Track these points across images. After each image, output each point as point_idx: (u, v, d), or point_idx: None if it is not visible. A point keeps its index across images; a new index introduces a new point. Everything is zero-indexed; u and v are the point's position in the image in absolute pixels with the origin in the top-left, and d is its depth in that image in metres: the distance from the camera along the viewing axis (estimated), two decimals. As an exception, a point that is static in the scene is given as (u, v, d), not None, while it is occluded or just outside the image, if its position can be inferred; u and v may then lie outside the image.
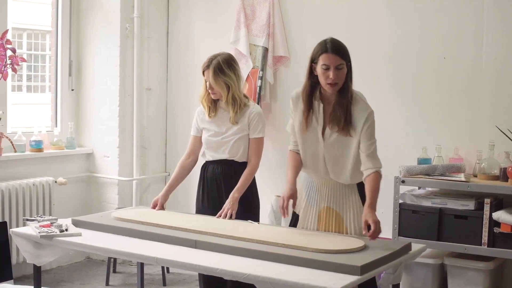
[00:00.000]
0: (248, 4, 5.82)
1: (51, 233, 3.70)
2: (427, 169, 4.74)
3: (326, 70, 3.50)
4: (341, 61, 3.51)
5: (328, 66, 3.49)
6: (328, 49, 3.51)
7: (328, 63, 3.49)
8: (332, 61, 3.49)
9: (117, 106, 6.13)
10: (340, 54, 3.51)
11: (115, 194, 6.19)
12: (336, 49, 3.52)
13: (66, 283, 5.58)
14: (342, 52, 3.54)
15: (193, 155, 4.44)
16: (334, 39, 3.60)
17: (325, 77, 3.51)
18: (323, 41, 3.58)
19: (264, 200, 4.61)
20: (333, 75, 3.48)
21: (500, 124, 4.74)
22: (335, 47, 3.53)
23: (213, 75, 4.14)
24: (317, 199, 3.77)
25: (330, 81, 3.49)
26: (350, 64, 3.58)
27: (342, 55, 3.52)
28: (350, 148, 3.59)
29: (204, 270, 3.22)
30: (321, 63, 3.51)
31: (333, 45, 3.53)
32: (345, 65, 3.53)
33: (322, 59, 3.51)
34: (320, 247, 3.25)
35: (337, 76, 3.49)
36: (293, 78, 5.71)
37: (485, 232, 4.48)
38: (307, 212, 3.80)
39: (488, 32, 4.88)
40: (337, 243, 3.36)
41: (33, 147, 5.71)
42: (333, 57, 3.49)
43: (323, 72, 3.51)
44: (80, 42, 6.26)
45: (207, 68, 4.18)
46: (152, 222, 3.86)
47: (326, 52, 3.51)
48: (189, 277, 5.74)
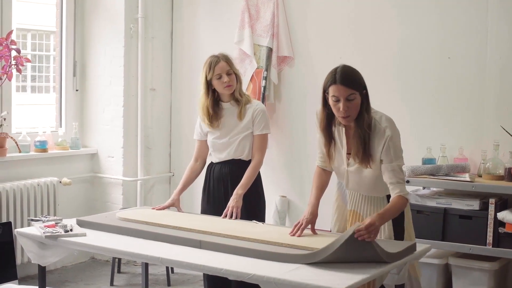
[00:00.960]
0: (252, 4, 5.82)
1: (55, 233, 3.70)
2: (432, 169, 4.73)
3: (337, 102, 3.34)
4: (352, 91, 3.33)
5: (338, 98, 3.33)
6: (337, 80, 3.32)
7: (338, 94, 3.32)
8: (341, 93, 3.31)
9: (121, 107, 6.13)
10: (349, 84, 3.32)
11: (120, 194, 6.20)
12: (345, 80, 3.32)
13: (71, 283, 5.59)
14: (352, 82, 3.35)
15: (200, 158, 4.46)
16: (346, 67, 3.40)
17: (336, 110, 3.36)
18: (333, 70, 3.38)
19: (268, 200, 4.61)
20: (343, 107, 3.32)
21: (504, 124, 4.73)
22: (345, 77, 3.33)
23: (230, 63, 4.23)
24: (347, 200, 3.70)
25: (341, 114, 3.35)
26: (365, 92, 3.40)
27: (352, 85, 3.34)
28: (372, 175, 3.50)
29: (209, 270, 3.21)
30: (331, 94, 3.35)
31: (342, 75, 3.33)
32: (358, 95, 3.35)
33: (332, 90, 3.34)
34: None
35: (348, 108, 3.33)
36: (297, 78, 5.71)
37: (490, 232, 4.48)
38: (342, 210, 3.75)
39: (492, 31, 4.87)
40: (341, 243, 3.35)
41: (37, 148, 5.72)
42: (342, 89, 3.31)
43: (334, 104, 3.36)
44: (84, 42, 6.27)
45: (218, 61, 4.20)
46: (157, 222, 3.86)
47: (335, 83, 3.33)
48: (193, 277, 5.74)
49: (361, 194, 3.64)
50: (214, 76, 4.20)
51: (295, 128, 5.72)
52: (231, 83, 4.21)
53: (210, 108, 4.25)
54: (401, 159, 3.47)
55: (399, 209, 3.42)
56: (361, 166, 3.49)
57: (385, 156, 3.41)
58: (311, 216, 3.57)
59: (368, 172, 3.50)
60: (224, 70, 4.20)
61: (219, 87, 4.23)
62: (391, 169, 3.41)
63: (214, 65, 4.19)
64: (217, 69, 4.19)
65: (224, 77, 4.19)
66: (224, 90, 4.23)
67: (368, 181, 3.52)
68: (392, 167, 3.41)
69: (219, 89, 4.24)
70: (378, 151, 3.42)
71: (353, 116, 3.39)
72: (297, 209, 5.70)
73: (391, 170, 3.41)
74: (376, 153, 3.43)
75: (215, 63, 4.20)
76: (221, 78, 4.20)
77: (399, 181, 3.41)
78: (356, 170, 3.54)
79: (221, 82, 4.20)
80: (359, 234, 3.10)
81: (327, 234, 3.66)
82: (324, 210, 3.79)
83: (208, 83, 4.24)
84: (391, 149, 3.41)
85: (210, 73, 4.21)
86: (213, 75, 4.20)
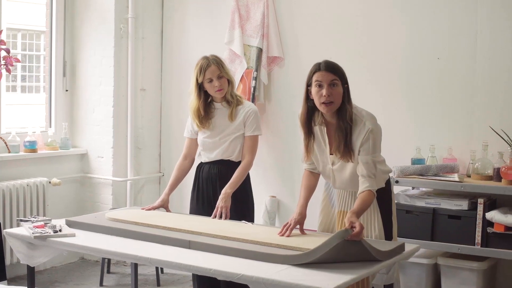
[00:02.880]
0: (242, 4, 5.82)
1: (45, 234, 3.70)
2: (421, 169, 4.75)
3: (320, 88, 3.42)
4: (335, 77, 3.43)
5: (321, 82, 3.42)
6: (321, 67, 3.45)
7: (321, 79, 3.42)
8: (324, 78, 3.41)
9: (111, 107, 6.13)
10: (333, 71, 3.44)
11: (109, 195, 6.19)
12: (329, 67, 3.45)
13: (60, 283, 5.57)
14: (336, 69, 3.46)
15: (189, 157, 4.45)
16: (329, 60, 3.53)
17: (319, 96, 3.43)
18: (317, 63, 3.51)
19: (258, 200, 4.62)
20: (326, 92, 3.40)
21: (493, 124, 4.75)
22: (328, 65, 3.46)
23: (220, 67, 4.20)
24: (335, 200, 3.74)
25: (324, 99, 3.41)
26: (347, 86, 3.49)
27: (336, 72, 3.45)
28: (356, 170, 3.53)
29: (198, 270, 3.21)
30: (315, 79, 3.44)
31: (326, 63, 3.47)
32: (340, 84, 3.44)
33: (315, 77, 3.44)
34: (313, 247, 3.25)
35: (331, 94, 3.41)
36: (287, 79, 5.72)
37: (479, 232, 4.49)
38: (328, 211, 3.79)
39: (482, 32, 4.89)
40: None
41: (27, 148, 5.70)
42: (326, 74, 3.42)
43: (317, 91, 3.43)
44: (74, 42, 6.26)
45: (209, 65, 4.19)
46: (146, 222, 3.86)
47: (319, 70, 3.45)
48: (183, 278, 5.74)
49: (350, 193, 3.66)
50: (205, 80, 4.20)
51: (285, 128, 5.72)
52: (222, 87, 4.20)
53: (201, 109, 4.25)
54: (378, 154, 3.54)
55: (369, 205, 3.47)
56: (343, 161, 3.53)
57: (363, 148, 3.46)
58: (299, 216, 3.60)
59: (352, 168, 3.54)
60: (214, 74, 4.19)
61: (210, 91, 4.23)
62: (365, 161, 3.46)
63: (205, 69, 4.18)
64: (208, 73, 4.18)
65: (214, 81, 4.19)
66: (215, 94, 4.23)
67: (354, 177, 3.54)
68: (366, 160, 3.47)
69: (210, 92, 4.24)
70: (358, 144, 3.47)
71: (336, 104, 3.45)
72: (287, 209, 5.71)
73: (365, 162, 3.46)
74: (356, 146, 3.47)
75: (206, 67, 4.19)
76: (212, 82, 4.19)
77: (370, 175, 3.46)
78: (340, 168, 3.58)
79: (212, 85, 4.20)
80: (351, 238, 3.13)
81: (315, 234, 3.68)
82: (313, 210, 3.81)
83: (199, 85, 4.24)
84: (370, 141, 3.46)
85: (201, 77, 4.20)
86: (204, 78, 4.20)
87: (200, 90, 4.25)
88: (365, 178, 3.45)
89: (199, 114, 4.26)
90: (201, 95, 4.25)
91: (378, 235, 3.59)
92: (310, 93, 3.50)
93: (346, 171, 3.58)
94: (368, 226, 3.60)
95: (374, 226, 3.61)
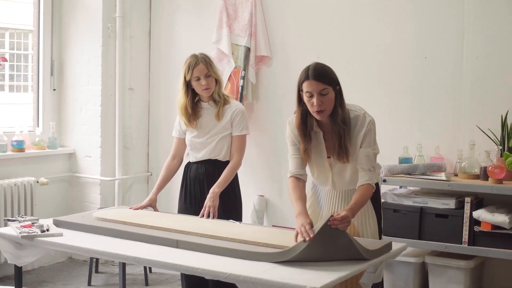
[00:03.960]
0: (230, 4, 5.82)
1: (32, 234, 3.69)
2: (408, 168, 4.76)
3: (311, 97, 3.39)
4: (325, 86, 3.38)
5: (311, 93, 3.39)
6: (309, 76, 3.39)
7: (311, 90, 3.38)
8: (314, 88, 3.37)
9: (99, 106, 6.11)
10: (322, 79, 3.38)
11: (97, 194, 6.18)
12: (317, 75, 3.38)
13: (48, 283, 5.56)
14: (325, 77, 3.41)
15: (178, 156, 4.45)
16: (318, 64, 3.46)
17: (311, 105, 3.41)
18: (306, 68, 3.44)
19: (246, 199, 4.62)
20: (316, 102, 3.37)
21: (480, 123, 4.78)
22: (317, 73, 3.39)
23: (208, 66, 4.20)
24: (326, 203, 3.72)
25: (316, 108, 3.39)
26: (339, 88, 3.46)
27: (325, 80, 3.40)
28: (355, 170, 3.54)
29: (185, 269, 3.21)
30: (305, 90, 3.41)
31: (315, 71, 3.40)
32: (331, 90, 3.40)
33: (305, 87, 3.40)
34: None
35: (321, 103, 3.38)
36: (275, 78, 5.73)
37: (466, 231, 4.51)
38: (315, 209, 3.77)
39: (468, 32, 4.91)
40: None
41: (14, 147, 5.68)
42: (315, 84, 3.37)
43: (308, 100, 3.41)
44: (62, 41, 6.24)
45: (197, 64, 4.18)
46: (134, 222, 3.86)
47: (308, 79, 3.39)
48: (171, 277, 5.73)
49: (340, 194, 3.66)
50: (192, 78, 4.20)
51: (273, 127, 5.72)
52: (209, 86, 4.20)
53: (189, 107, 4.25)
54: (377, 147, 3.54)
55: (367, 199, 3.49)
56: (339, 163, 3.53)
57: (365, 140, 3.48)
58: (308, 220, 3.32)
59: (351, 168, 3.55)
60: (202, 73, 4.18)
61: (197, 89, 4.23)
62: (366, 155, 3.48)
63: (193, 68, 4.18)
64: (196, 71, 4.18)
65: (202, 80, 4.18)
66: (202, 93, 4.22)
67: (354, 176, 3.55)
68: (367, 153, 3.48)
69: (197, 91, 4.23)
70: (359, 138, 3.47)
71: (328, 110, 3.44)
72: (275, 208, 5.71)
73: (366, 155, 3.48)
74: (358, 142, 3.48)
75: (194, 65, 4.18)
76: (199, 81, 4.19)
77: (370, 168, 3.48)
78: (339, 171, 3.58)
79: (199, 84, 4.20)
80: (333, 222, 3.13)
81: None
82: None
83: (187, 83, 4.24)
84: (372, 133, 3.49)
85: (188, 74, 4.20)
86: (191, 76, 4.19)
87: (187, 88, 4.24)
88: (365, 172, 3.47)
89: (187, 112, 4.25)
90: (188, 93, 4.25)
91: (373, 232, 3.61)
92: (302, 97, 3.46)
93: (346, 173, 3.57)
94: (363, 223, 3.62)
95: (369, 223, 3.63)
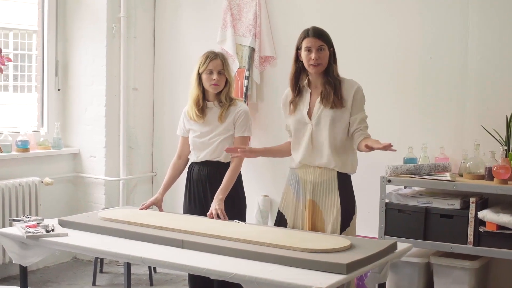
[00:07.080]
0: (234, 4, 5.83)
1: (37, 234, 3.69)
2: (413, 168, 4.76)
3: (309, 52, 3.79)
4: (322, 43, 3.79)
5: (310, 48, 3.78)
6: (309, 33, 3.82)
7: (310, 45, 3.79)
8: (313, 43, 3.78)
9: (103, 106, 6.12)
10: (320, 37, 3.80)
11: (102, 194, 6.18)
12: (316, 33, 3.81)
13: (53, 283, 5.57)
14: (322, 36, 3.82)
15: (183, 156, 4.45)
16: (316, 26, 3.88)
17: (308, 59, 3.79)
18: (305, 29, 3.87)
19: (251, 199, 4.62)
20: (315, 56, 3.76)
21: (485, 123, 4.77)
22: (316, 31, 3.83)
23: (224, 64, 4.25)
24: (303, 191, 3.84)
25: (313, 62, 3.77)
26: (333, 50, 3.85)
27: (323, 38, 3.81)
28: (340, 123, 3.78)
29: (190, 269, 3.22)
30: (304, 46, 3.81)
31: (314, 30, 3.83)
32: (326, 48, 3.81)
33: (305, 43, 3.81)
34: (306, 246, 3.26)
35: (319, 57, 3.77)
36: (279, 78, 5.72)
37: (471, 231, 4.50)
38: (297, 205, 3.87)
39: (473, 32, 4.90)
40: (323, 242, 3.37)
41: (19, 147, 5.69)
42: (314, 40, 3.79)
43: (306, 55, 3.80)
44: (66, 42, 6.25)
45: (216, 57, 4.22)
46: (139, 222, 3.86)
47: (308, 36, 3.82)
48: (176, 277, 5.74)
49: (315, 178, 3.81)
50: (205, 70, 4.20)
51: (277, 127, 5.70)
52: (218, 83, 4.20)
53: (200, 99, 4.25)
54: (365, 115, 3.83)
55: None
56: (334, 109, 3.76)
57: (355, 104, 3.79)
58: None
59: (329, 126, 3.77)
60: (217, 68, 4.19)
61: (206, 83, 4.21)
62: (360, 118, 3.77)
63: (210, 60, 4.20)
64: (211, 64, 4.19)
65: (214, 74, 4.18)
66: (210, 88, 4.22)
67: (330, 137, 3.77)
68: (359, 117, 3.77)
69: (205, 85, 4.22)
70: (350, 97, 3.78)
71: (323, 65, 3.81)
72: (280, 208, 5.70)
73: (361, 119, 3.77)
74: (348, 99, 3.78)
75: (211, 58, 4.21)
76: (211, 74, 4.19)
77: (366, 126, 3.79)
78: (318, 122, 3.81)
79: (209, 78, 4.19)
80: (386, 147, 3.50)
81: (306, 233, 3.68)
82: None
83: (199, 76, 4.24)
84: (360, 97, 3.81)
85: (203, 66, 4.21)
86: (205, 69, 4.20)
87: (200, 81, 4.25)
88: (362, 131, 3.75)
89: (198, 103, 4.25)
90: (200, 86, 4.25)
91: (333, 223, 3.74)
92: (299, 55, 3.86)
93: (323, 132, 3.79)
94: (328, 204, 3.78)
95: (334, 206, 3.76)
